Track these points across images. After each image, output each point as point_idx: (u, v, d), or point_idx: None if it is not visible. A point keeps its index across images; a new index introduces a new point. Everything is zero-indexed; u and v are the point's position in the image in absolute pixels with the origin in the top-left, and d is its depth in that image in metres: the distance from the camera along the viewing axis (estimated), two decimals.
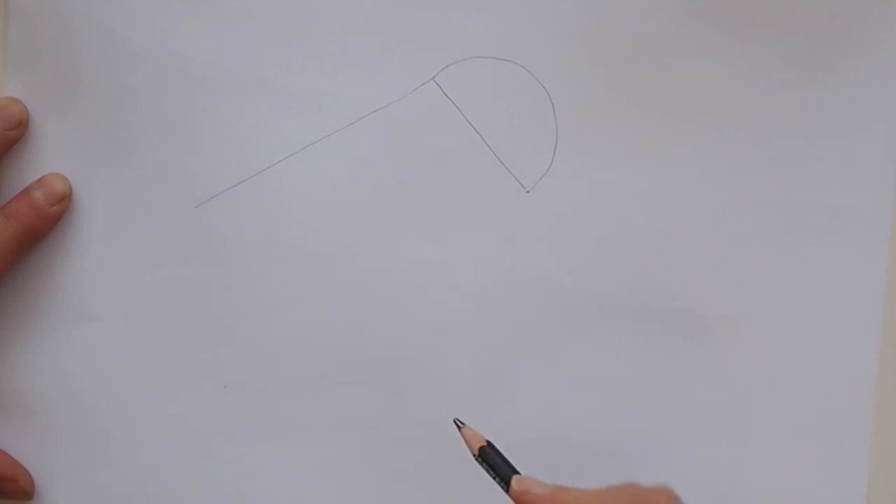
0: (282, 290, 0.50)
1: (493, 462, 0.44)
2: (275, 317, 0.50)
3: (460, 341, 0.49)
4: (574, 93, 0.49)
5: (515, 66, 0.49)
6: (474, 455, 0.45)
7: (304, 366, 0.50)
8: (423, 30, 0.49)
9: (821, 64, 0.49)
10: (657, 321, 0.49)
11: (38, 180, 0.49)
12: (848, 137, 0.49)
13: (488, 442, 0.45)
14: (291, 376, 0.50)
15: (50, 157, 0.50)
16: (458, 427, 0.45)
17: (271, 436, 0.50)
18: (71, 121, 0.49)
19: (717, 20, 0.49)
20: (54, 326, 0.50)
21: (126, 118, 0.49)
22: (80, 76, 0.49)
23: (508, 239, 0.49)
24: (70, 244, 0.50)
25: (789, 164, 0.49)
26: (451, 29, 0.49)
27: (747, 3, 0.49)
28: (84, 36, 0.49)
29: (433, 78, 0.49)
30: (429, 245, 0.49)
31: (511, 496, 0.44)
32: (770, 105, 0.49)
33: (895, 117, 0.49)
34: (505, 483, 0.44)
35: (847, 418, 0.50)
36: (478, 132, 0.49)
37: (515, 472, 0.44)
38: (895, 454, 0.50)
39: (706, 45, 0.49)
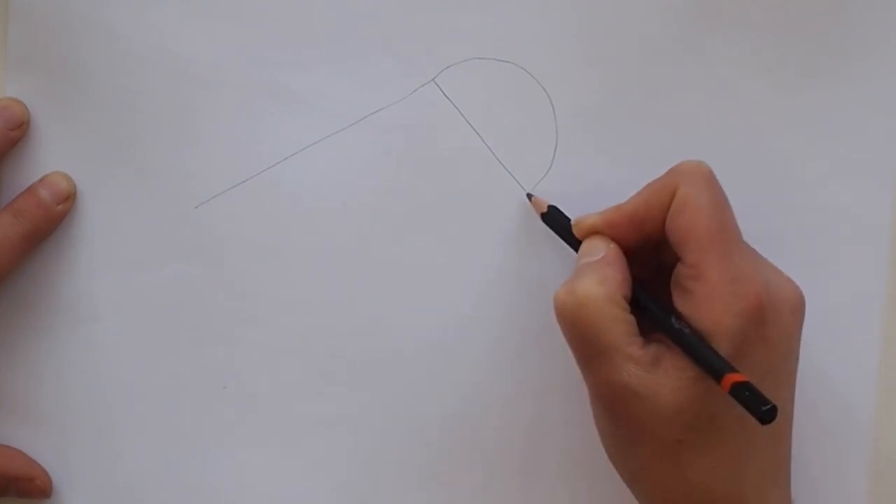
0: (281, 290, 0.50)
1: (557, 223, 0.48)
2: (275, 317, 0.50)
3: (460, 343, 0.49)
4: (574, 94, 0.49)
5: (516, 67, 0.49)
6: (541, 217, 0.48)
7: (304, 366, 0.50)
8: (423, 30, 0.49)
9: (821, 64, 0.49)
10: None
11: (42, 179, 0.49)
12: (848, 138, 0.49)
13: (551, 206, 0.48)
14: (291, 376, 0.50)
15: (51, 157, 0.50)
16: (529, 198, 0.49)
17: (271, 436, 0.50)
18: (71, 121, 0.49)
19: (717, 21, 0.49)
20: (54, 326, 0.50)
21: (126, 118, 0.49)
22: (80, 76, 0.49)
23: (508, 240, 0.49)
24: (71, 244, 0.50)
25: (789, 164, 0.49)
26: (452, 30, 0.48)
27: (746, 4, 0.49)
28: (84, 36, 0.49)
29: (433, 79, 0.49)
30: (428, 246, 0.49)
31: (577, 241, 0.46)
32: (770, 106, 0.49)
33: (895, 117, 0.49)
34: (570, 237, 0.47)
35: (848, 419, 0.50)
36: (478, 133, 0.49)
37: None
38: None
39: (706, 46, 0.49)
